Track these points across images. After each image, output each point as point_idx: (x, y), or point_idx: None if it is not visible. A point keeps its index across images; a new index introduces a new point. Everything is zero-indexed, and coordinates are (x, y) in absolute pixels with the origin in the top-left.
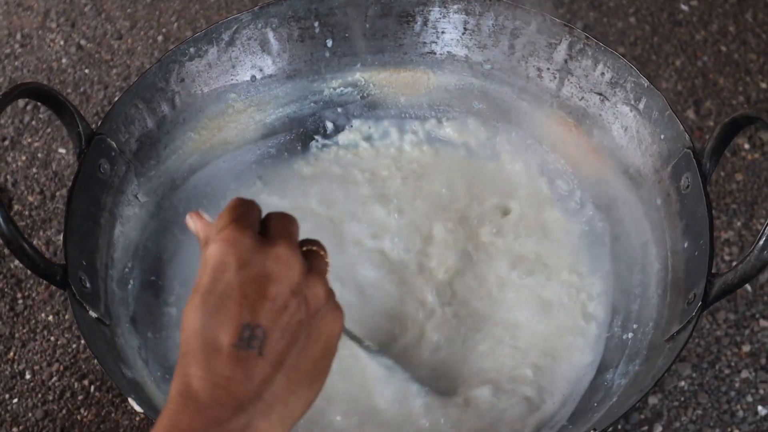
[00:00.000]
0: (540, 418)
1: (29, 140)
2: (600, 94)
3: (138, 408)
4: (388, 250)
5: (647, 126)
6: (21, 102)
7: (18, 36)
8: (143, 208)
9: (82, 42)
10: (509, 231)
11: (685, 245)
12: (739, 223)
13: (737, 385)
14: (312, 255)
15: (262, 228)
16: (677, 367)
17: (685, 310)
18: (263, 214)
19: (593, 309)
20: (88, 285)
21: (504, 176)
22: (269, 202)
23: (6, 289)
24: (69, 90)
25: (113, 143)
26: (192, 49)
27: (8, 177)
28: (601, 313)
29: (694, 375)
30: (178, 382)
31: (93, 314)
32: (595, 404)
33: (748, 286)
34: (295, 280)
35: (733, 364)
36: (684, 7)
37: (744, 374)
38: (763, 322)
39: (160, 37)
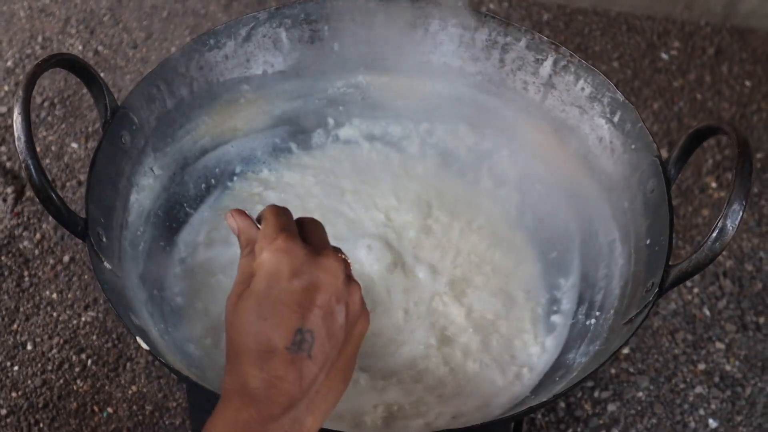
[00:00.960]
0: (507, 392)
1: (44, 134)
2: (579, 107)
3: (144, 346)
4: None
5: (620, 137)
6: (38, 98)
7: (39, 38)
8: (157, 180)
9: (100, 48)
10: (485, 227)
11: (648, 242)
12: None
13: (691, 399)
14: (345, 263)
15: (301, 234)
16: (636, 379)
17: (643, 297)
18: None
19: (561, 300)
20: (104, 240)
21: (486, 178)
22: (271, 188)
23: (14, 267)
24: (84, 91)
25: (135, 118)
26: (212, 41)
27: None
28: (568, 304)
29: (651, 387)
30: (234, 379)
31: (107, 265)
32: (557, 379)
33: (707, 311)
34: (340, 288)
35: (688, 380)
36: (664, 56)
37: (698, 389)
38: (718, 344)
39: (173, 48)
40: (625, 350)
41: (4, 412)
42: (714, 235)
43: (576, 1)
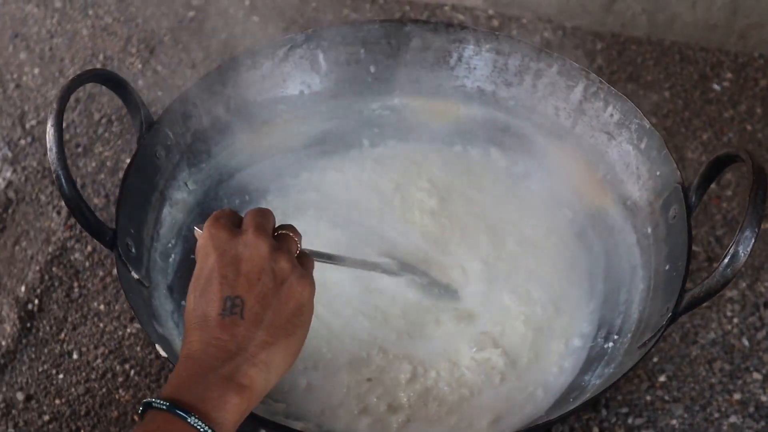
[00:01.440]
0: (523, 411)
1: (100, 149)
2: (608, 133)
3: (163, 353)
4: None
5: (646, 163)
6: (97, 115)
7: (101, 57)
8: (191, 195)
9: (158, 68)
10: (515, 250)
11: (667, 267)
12: (744, 284)
13: (725, 428)
14: (282, 237)
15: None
16: (670, 407)
17: (658, 321)
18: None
19: (584, 324)
20: (133, 250)
21: (516, 202)
22: (303, 201)
23: (65, 278)
24: None
25: (170, 134)
26: (249, 61)
27: (78, 179)
28: (588, 327)
29: (685, 415)
30: (184, 348)
31: (135, 275)
32: (571, 399)
33: (745, 341)
34: (263, 257)
35: (723, 409)
36: (716, 87)
37: (732, 419)
38: (756, 375)
39: None
40: (662, 378)
41: (47, 418)
42: (726, 261)
43: (630, 30)
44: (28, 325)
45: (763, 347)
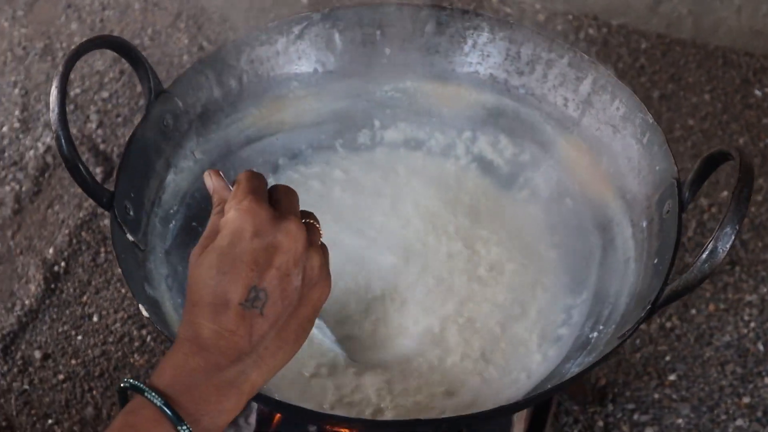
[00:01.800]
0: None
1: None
2: (613, 126)
3: (145, 313)
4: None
5: (647, 158)
6: (139, 87)
7: (149, 31)
8: (198, 164)
9: (205, 44)
10: (512, 237)
11: (655, 261)
12: (764, 290)
13: (730, 431)
14: (311, 228)
15: (271, 199)
16: (678, 406)
17: (638, 313)
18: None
19: (574, 314)
20: (131, 213)
21: (520, 189)
22: (312, 183)
23: (92, 243)
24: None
25: (180, 103)
26: (264, 36)
27: (115, 149)
28: (577, 317)
29: (692, 415)
30: (188, 328)
31: (130, 237)
32: (549, 386)
33: (760, 346)
34: (299, 252)
35: (731, 411)
36: (758, 93)
37: (739, 422)
38: (767, 380)
39: None
40: (672, 377)
41: (61, 377)
42: (704, 256)
43: (676, 32)
44: (53, 286)
45: None
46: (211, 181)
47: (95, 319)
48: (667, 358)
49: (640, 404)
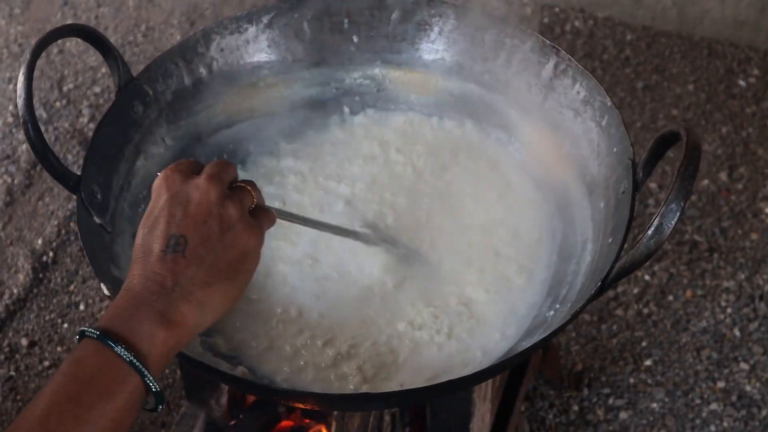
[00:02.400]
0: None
1: None
2: (574, 110)
3: (106, 292)
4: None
5: (606, 140)
6: None
7: (143, 27)
8: (168, 150)
9: None
10: (478, 218)
11: (609, 240)
12: (742, 276)
13: (704, 414)
14: (238, 188)
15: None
16: (652, 390)
17: (591, 290)
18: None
19: (535, 294)
20: (99, 197)
21: (484, 172)
22: (283, 165)
23: None
24: None
25: (149, 90)
26: (233, 25)
27: None
28: (536, 297)
29: (666, 399)
30: (125, 282)
31: (97, 220)
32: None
33: (737, 331)
34: (212, 201)
35: (705, 396)
36: (742, 83)
37: (713, 406)
38: (743, 365)
39: None
40: (648, 362)
41: (47, 363)
42: (649, 232)
43: (661, 24)
44: (41, 275)
45: (754, 338)
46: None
47: (81, 307)
48: (644, 343)
49: (616, 389)
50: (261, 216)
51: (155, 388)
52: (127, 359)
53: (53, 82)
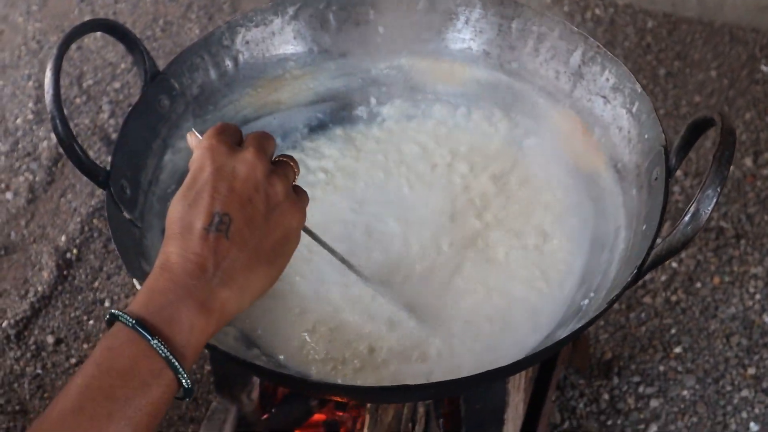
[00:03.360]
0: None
1: None
2: (604, 97)
3: (138, 286)
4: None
5: (636, 127)
6: None
7: (161, 22)
8: None
9: None
10: (511, 211)
11: (644, 227)
12: None
13: (735, 401)
14: (281, 164)
15: (241, 143)
16: (683, 378)
17: (627, 278)
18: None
19: (568, 282)
20: (128, 192)
21: (515, 162)
22: (309, 160)
23: (104, 230)
24: None
25: (176, 84)
26: (258, 17)
27: None
28: (570, 285)
29: (697, 387)
30: (161, 258)
31: (127, 215)
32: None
33: (766, 318)
34: (258, 178)
35: (736, 382)
36: (764, 68)
37: (744, 393)
38: None
39: None
40: (677, 349)
41: (73, 361)
42: (686, 218)
43: (682, 11)
44: (65, 273)
45: None
46: (189, 139)
47: (107, 303)
48: (673, 331)
49: (646, 377)
50: (301, 193)
51: (187, 384)
52: (163, 354)
53: (72, 78)
